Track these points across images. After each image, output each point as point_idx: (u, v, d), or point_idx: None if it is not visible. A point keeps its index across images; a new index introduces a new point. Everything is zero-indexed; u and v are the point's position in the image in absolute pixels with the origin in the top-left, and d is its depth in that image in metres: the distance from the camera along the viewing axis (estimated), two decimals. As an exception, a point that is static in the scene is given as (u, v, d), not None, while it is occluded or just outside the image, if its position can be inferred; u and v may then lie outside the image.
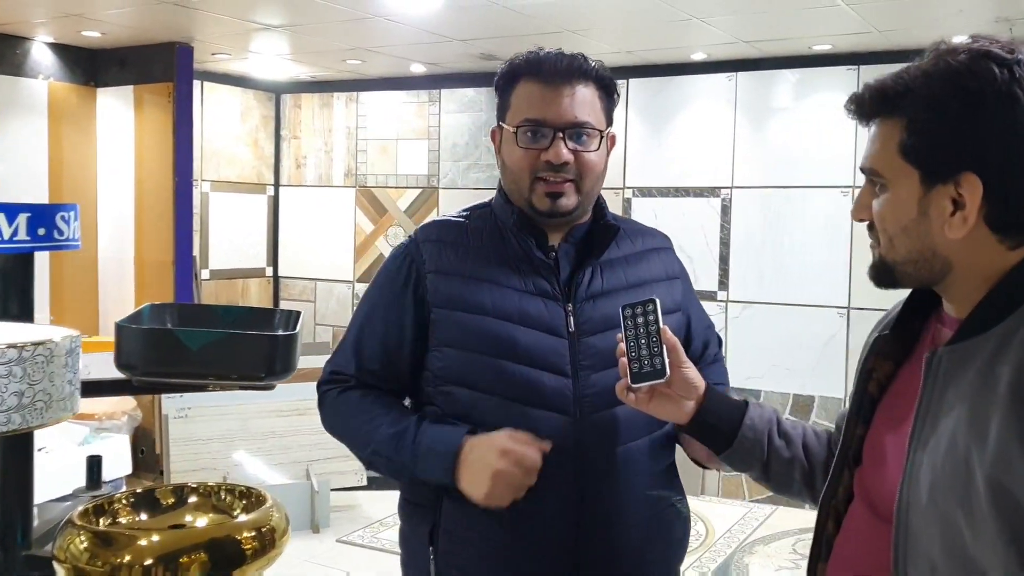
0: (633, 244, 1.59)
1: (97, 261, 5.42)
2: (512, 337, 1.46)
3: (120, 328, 2.10)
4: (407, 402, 1.62)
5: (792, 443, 1.34)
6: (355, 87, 6.30)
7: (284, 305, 6.52)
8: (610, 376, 1.41)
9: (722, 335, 1.80)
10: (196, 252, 5.94)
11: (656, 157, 5.40)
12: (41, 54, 5.09)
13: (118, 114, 5.30)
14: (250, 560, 1.92)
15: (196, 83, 5.78)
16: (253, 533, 1.96)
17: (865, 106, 1.06)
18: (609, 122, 1.54)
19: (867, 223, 1.10)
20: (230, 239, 6.30)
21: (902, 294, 1.16)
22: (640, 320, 1.32)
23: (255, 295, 6.50)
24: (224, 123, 6.22)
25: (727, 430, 1.32)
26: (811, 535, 1.19)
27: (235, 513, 2.12)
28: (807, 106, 5.03)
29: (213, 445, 4.69)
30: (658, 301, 1.32)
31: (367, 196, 6.34)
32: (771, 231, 5.15)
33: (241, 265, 6.40)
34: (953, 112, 0.98)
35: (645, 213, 5.44)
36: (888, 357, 1.15)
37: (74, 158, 5.29)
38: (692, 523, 1.66)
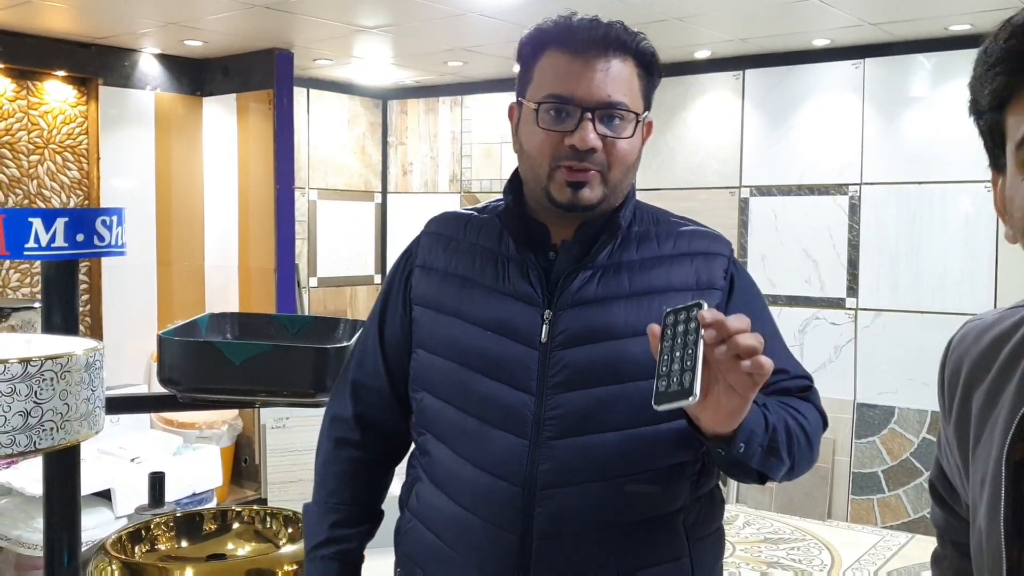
0: (661, 247, 1.30)
1: (204, 270, 5.44)
2: (475, 343, 1.27)
3: (161, 340, 1.96)
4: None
5: None
6: (459, 91, 6.15)
7: (391, 313, 6.43)
8: (585, 398, 1.21)
9: (850, 346, 1.43)
10: (304, 260, 5.91)
11: (776, 153, 5.02)
12: (148, 65, 5.14)
13: (223, 122, 5.31)
14: (290, 594, 1.75)
15: (302, 90, 5.76)
16: (295, 567, 1.79)
17: None
18: (647, 105, 1.28)
19: None
20: (338, 247, 6.26)
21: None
22: (680, 328, 1.03)
23: (363, 303, 6.43)
24: (331, 130, 6.18)
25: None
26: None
27: (280, 542, 1.96)
28: (944, 93, 4.57)
29: (310, 456, 4.58)
30: (704, 306, 1.03)
31: (472, 202, 6.17)
32: (905, 231, 4.70)
33: (349, 273, 6.34)
34: None
35: (764, 214, 5.06)
36: None
37: (182, 168, 5.33)
38: (816, 551, 1.32)
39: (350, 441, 1.44)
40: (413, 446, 1.43)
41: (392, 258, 6.45)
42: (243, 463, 5.12)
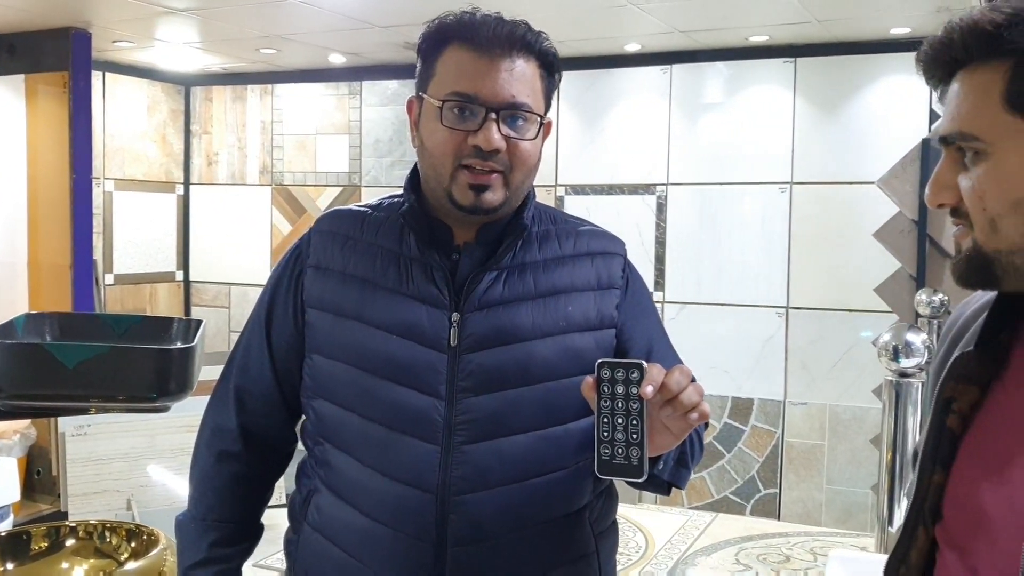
0: (562, 247, 1.31)
1: (-14, 265, 4.98)
2: (380, 348, 1.23)
3: (-20, 343, 1.78)
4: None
5: None
6: (270, 79, 5.95)
7: (196, 312, 6.12)
8: (495, 401, 1.21)
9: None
10: (99, 256, 5.52)
11: (589, 153, 5.19)
12: (-81, 39, 4.64)
13: (8, 106, 4.87)
14: (139, 614, 1.64)
15: (97, 74, 5.38)
16: (143, 583, 1.68)
17: (954, 50, 0.82)
18: (548, 106, 1.29)
19: (950, 208, 0.86)
20: (136, 241, 5.90)
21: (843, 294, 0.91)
22: (620, 389, 1.02)
23: (164, 301, 6.10)
24: (129, 117, 5.81)
25: None
26: (754, 544, 0.94)
27: (122, 558, 1.83)
28: (742, 100, 4.88)
29: (116, 465, 4.31)
30: (645, 367, 1.03)
31: (284, 195, 5.99)
32: (708, 229, 4.99)
33: (149, 269, 5.99)
34: None
35: (578, 212, 5.21)
36: (972, 381, 0.90)
37: (-41, 153, 4.85)
38: (632, 534, 1.38)
39: (232, 454, 1.36)
40: (304, 455, 1.37)
41: (197, 253, 6.17)
42: (36, 475, 4.73)
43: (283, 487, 4.57)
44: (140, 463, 4.36)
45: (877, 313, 4.54)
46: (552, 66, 1.27)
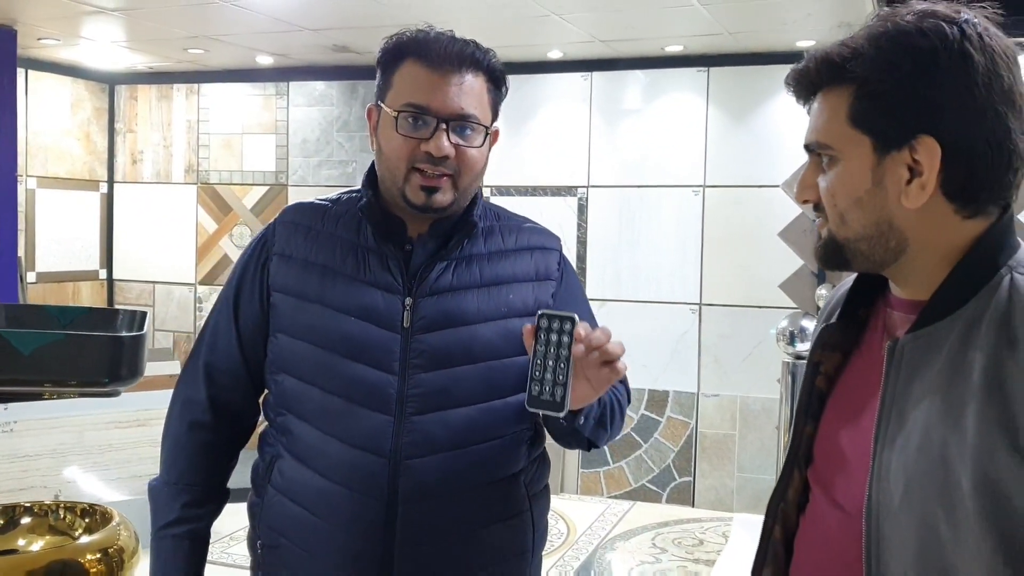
0: (505, 241, 1.47)
1: (-96, 263, 4.90)
2: (340, 328, 1.38)
3: (-64, 330, 1.85)
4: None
5: None
6: (196, 79, 5.97)
7: (120, 309, 6.10)
8: (442, 377, 1.36)
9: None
10: (21, 253, 5.48)
11: (514, 155, 5.37)
12: None
13: (-72, 101, 4.81)
14: (96, 586, 1.73)
15: (19, 71, 5.34)
16: (98, 555, 1.77)
17: (811, 76, 1.00)
18: (495, 116, 1.45)
19: (813, 204, 1.04)
20: (59, 239, 5.86)
21: (751, 291, 1.11)
22: (554, 337, 1.19)
23: (87, 299, 6.06)
24: (52, 115, 5.77)
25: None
26: (670, 529, 1.13)
27: (76, 534, 1.92)
28: (659, 107, 5.12)
29: (43, 461, 4.31)
30: (578, 321, 1.19)
31: (210, 193, 6.02)
32: (626, 230, 5.21)
33: (71, 267, 5.96)
34: (905, 72, 0.93)
35: (502, 212, 5.40)
36: (835, 348, 1.08)
37: None
38: (554, 522, 1.55)
39: (202, 424, 1.49)
40: (265, 426, 1.50)
41: (120, 251, 6.16)
42: (-43, 473, 4.68)
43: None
44: (67, 459, 4.37)
45: (783, 309, 4.82)
46: (499, 80, 1.43)
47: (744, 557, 1.89)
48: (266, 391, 1.50)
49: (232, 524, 4.38)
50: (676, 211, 5.09)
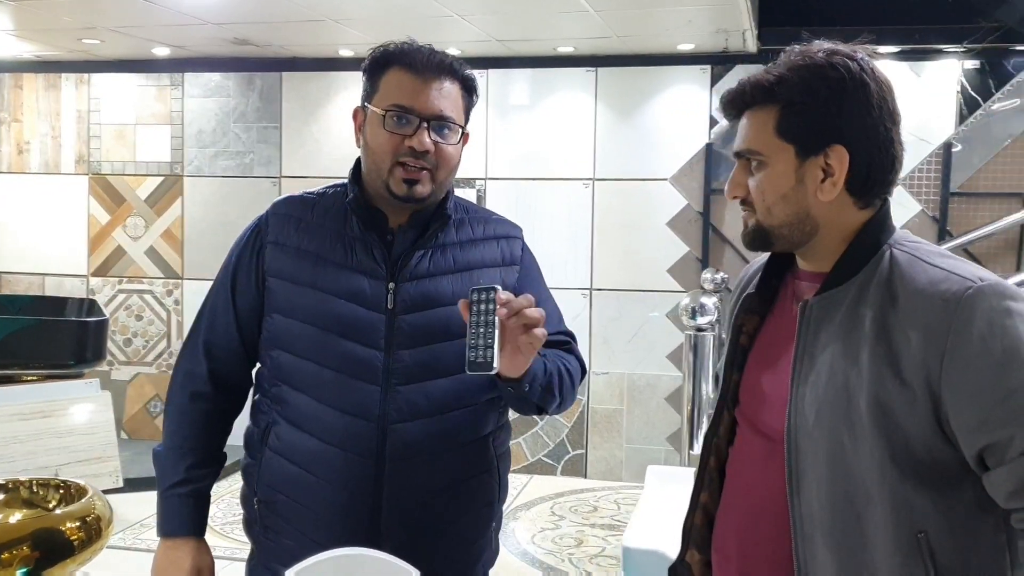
0: (474, 231, 1.66)
1: None
2: (331, 309, 1.55)
3: (-89, 318, 1.94)
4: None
5: None
6: (86, 68, 5.90)
7: (8, 302, 5.98)
8: (422, 353, 1.56)
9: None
10: (-99, 245, 5.32)
11: (411, 148, 5.55)
12: None
13: None
14: (78, 551, 1.87)
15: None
16: (78, 524, 1.90)
17: (745, 97, 1.26)
18: (467, 119, 1.64)
19: (740, 199, 1.30)
20: (-60, 231, 5.70)
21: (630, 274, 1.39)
22: (483, 307, 1.36)
23: (-29, 292, 5.91)
24: (-70, 102, 5.61)
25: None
26: (566, 498, 1.37)
27: (50, 505, 2.03)
28: (551, 104, 5.41)
29: (-15, 456, 4.25)
30: (499, 289, 1.37)
31: (102, 184, 5.97)
32: (523, 220, 5.33)
33: (-47, 259, 5.81)
34: (822, 96, 1.21)
35: (401, 202, 5.57)
36: (754, 312, 1.36)
37: None
38: None
39: (203, 394, 1.66)
40: (257, 397, 1.67)
41: (7, 243, 6.04)
42: None
43: (119, 473, 4.61)
44: (-31, 453, 4.32)
45: (666, 292, 5.21)
46: (471, 88, 1.63)
47: (659, 501, 2.19)
48: (259, 365, 1.68)
49: (142, 512, 4.43)
50: (568, 203, 5.39)
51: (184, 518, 1.64)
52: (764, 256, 1.41)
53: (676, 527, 1.41)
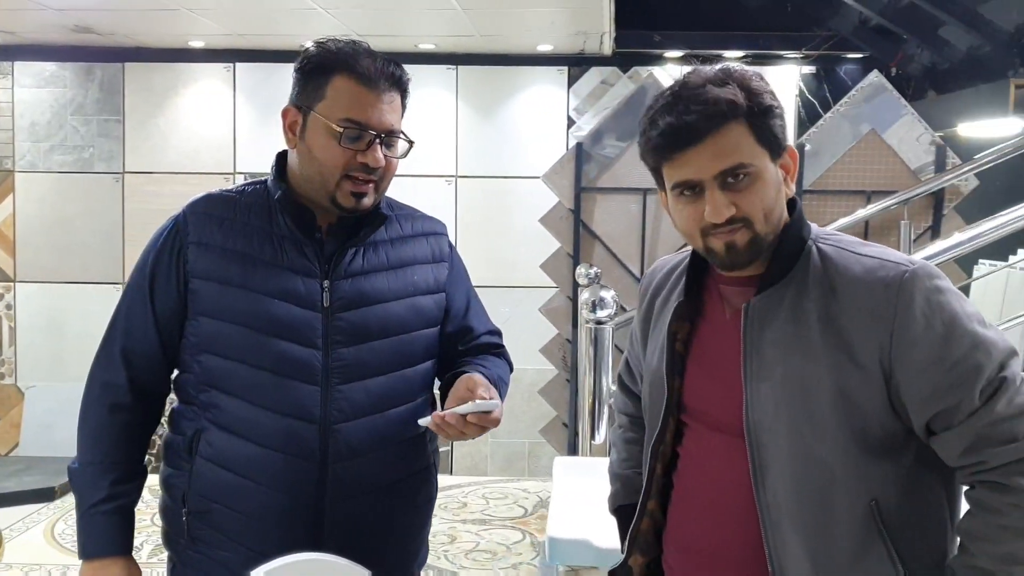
0: (403, 228, 1.65)
1: None
2: (265, 310, 1.51)
3: None
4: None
5: None
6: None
7: None
8: (362, 350, 1.54)
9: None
10: None
11: (267, 142, 5.41)
12: None
13: None
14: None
15: None
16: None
17: (700, 124, 1.25)
18: None
19: (728, 219, 1.27)
20: None
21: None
22: None
23: None
24: None
25: None
26: (451, 494, 1.38)
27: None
28: (412, 100, 5.35)
29: None
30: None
31: (-80, 179, 5.48)
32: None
33: None
34: (774, 105, 1.28)
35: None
36: (685, 319, 1.38)
37: None
38: None
39: (123, 405, 1.56)
40: (177, 404, 1.59)
41: None
42: None
43: None
44: None
45: (531, 288, 5.30)
46: (407, 95, 1.60)
47: (571, 491, 2.22)
48: (179, 371, 1.59)
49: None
50: (431, 200, 5.38)
51: (112, 537, 1.54)
52: (667, 261, 1.47)
53: (594, 515, 1.41)
